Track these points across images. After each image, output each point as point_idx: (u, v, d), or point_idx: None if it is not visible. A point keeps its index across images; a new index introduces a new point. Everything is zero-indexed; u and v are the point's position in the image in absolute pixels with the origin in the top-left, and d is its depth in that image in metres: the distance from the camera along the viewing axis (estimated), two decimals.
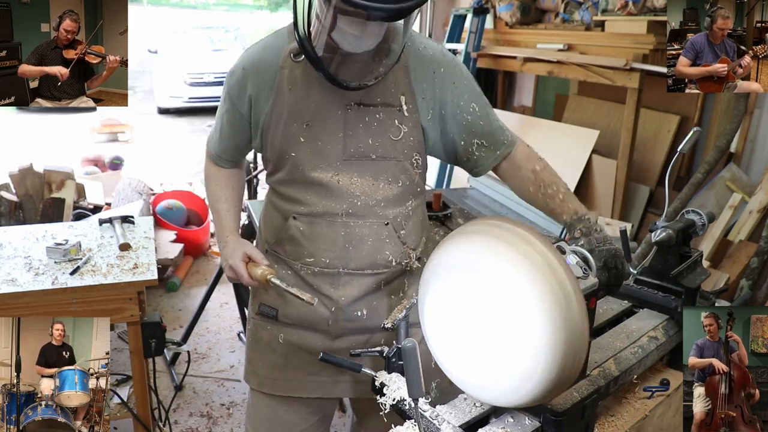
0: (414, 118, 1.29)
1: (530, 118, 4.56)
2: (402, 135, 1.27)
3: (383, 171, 1.29)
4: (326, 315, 1.36)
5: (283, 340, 1.42)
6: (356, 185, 1.28)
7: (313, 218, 1.31)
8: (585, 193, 4.04)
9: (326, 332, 1.39)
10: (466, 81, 1.34)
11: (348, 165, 1.27)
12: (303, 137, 1.26)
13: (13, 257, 1.98)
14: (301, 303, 1.26)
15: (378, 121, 1.26)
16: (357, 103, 1.25)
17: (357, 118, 1.25)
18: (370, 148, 1.27)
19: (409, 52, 1.28)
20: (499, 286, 0.88)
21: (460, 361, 0.96)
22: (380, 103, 1.26)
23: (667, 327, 1.34)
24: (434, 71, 1.30)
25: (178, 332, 3.29)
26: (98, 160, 5.57)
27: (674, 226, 1.36)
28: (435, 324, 0.99)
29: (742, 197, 3.37)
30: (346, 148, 1.26)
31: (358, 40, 1.14)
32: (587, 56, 3.80)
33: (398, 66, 1.25)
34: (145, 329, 1.95)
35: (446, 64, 1.32)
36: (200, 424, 2.62)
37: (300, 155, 1.27)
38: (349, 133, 1.26)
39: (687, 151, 1.45)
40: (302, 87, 1.25)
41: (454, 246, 0.96)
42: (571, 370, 0.88)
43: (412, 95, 1.28)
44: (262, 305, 1.43)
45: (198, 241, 4.32)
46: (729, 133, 3.49)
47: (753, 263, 3.08)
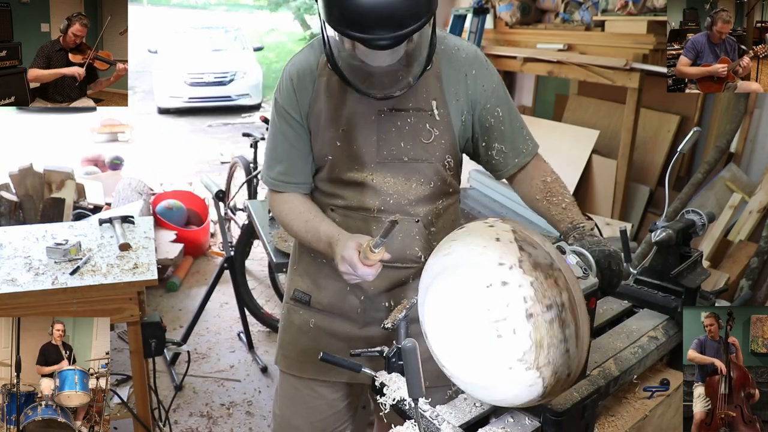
0: (446, 122, 1.34)
1: (530, 118, 4.56)
2: (433, 138, 1.33)
3: (415, 172, 1.35)
4: (356, 304, 1.43)
5: (314, 325, 1.48)
6: (389, 184, 1.35)
7: (348, 212, 1.38)
8: (585, 193, 4.04)
9: (355, 320, 1.45)
10: (495, 85, 1.37)
11: (381, 166, 1.34)
12: (339, 142, 1.33)
13: (13, 257, 1.98)
14: (334, 290, 1.42)
15: (410, 125, 1.32)
16: (390, 108, 1.31)
17: (390, 122, 1.31)
18: (403, 151, 1.33)
19: (442, 56, 1.33)
20: (499, 286, 0.88)
21: (460, 361, 0.96)
22: (411, 108, 1.31)
23: (667, 327, 1.34)
24: (466, 73, 1.34)
25: (178, 332, 3.29)
26: (98, 160, 5.57)
27: (674, 226, 1.36)
28: (435, 324, 0.99)
29: (742, 197, 3.37)
30: (380, 151, 1.33)
31: (376, 56, 1.18)
32: (587, 56, 3.80)
33: (430, 71, 1.29)
34: (145, 329, 1.95)
35: (478, 65, 1.35)
36: (200, 424, 2.62)
37: (336, 158, 1.35)
38: (383, 137, 1.32)
39: (687, 151, 1.45)
40: (338, 94, 1.31)
41: (454, 246, 0.96)
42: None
43: (444, 99, 1.33)
44: (296, 291, 1.50)
45: (198, 241, 4.32)
46: (729, 133, 3.49)
47: (753, 263, 3.08)
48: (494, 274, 0.88)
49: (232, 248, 3.17)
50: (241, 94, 10.23)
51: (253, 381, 2.95)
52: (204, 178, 3.25)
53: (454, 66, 1.33)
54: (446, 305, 0.96)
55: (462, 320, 0.93)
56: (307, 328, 1.49)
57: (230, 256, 3.11)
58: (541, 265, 0.87)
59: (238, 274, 3.17)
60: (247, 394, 2.84)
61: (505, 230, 0.92)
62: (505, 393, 0.92)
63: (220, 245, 4.50)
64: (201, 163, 7.28)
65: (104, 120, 8.07)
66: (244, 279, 3.31)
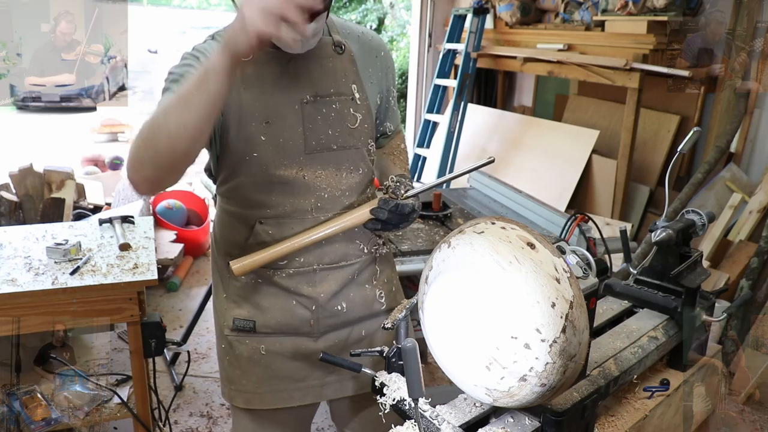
0: (366, 105, 1.33)
1: (530, 118, 4.56)
2: (358, 122, 1.31)
3: (344, 160, 1.32)
4: (307, 316, 1.35)
5: (265, 351, 1.37)
6: (321, 178, 1.29)
7: (282, 219, 1.29)
8: (585, 193, 4.04)
9: (309, 333, 1.37)
10: (393, 67, 1.44)
11: (311, 159, 1.28)
12: (264, 135, 1.24)
13: (13, 257, 1.98)
14: (280, 308, 1.33)
15: (335, 111, 1.28)
16: (312, 96, 1.26)
17: (315, 110, 1.26)
18: (331, 139, 1.29)
19: (352, 40, 1.33)
20: (498, 286, 0.88)
21: (460, 361, 0.96)
22: (333, 94, 1.28)
23: (667, 327, 1.34)
24: (376, 56, 1.37)
25: (178, 332, 3.29)
26: (98, 160, 5.57)
27: (674, 226, 1.36)
28: (435, 324, 0.99)
29: (742, 197, 3.38)
30: (308, 141, 1.27)
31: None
32: (587, 56, 3.81)
33: (345, 56, 1.30)
34: (145, 329, 1.95)
35: (384, 49, 1.40)
36: (200, 424, 2.62)
37: (263, 154, 1.25)
38: (309, 126, 1.26)
39: (687, 151, 1.45)
40: (256, 85, 1.23)
41: (453, 246, 0.96)
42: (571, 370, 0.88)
43: (361, 83, 1.32)
44: (236, 320, 1.37)
45: (198, 241, 4.32)
46: (729, 133, 3.49)
47: (753, 263, 3.08)
48: (528, 333, 0.87)
49: None
50: None
51: None
52: (204, 178, 3.24)
53: (365, 49, 1.35)
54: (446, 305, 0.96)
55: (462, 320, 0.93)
56: (258, 356, 1.37)
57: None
58: (566, 354, 0.87)
59: None
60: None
61: (507, 231, 0.92)
62: (504, 393, 0.92)
63: None
64: (201, 163, 7.26)
65: (104, 120, 8.07)
66: None
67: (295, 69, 1.24)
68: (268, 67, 1.22)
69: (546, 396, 0.91)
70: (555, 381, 0.88)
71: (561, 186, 3.98)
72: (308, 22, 1.06)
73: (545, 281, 0.86)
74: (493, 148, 4.56)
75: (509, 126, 4.56)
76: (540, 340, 0.85)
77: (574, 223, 2.07)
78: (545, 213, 2.50)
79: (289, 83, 1.24)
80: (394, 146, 1.50)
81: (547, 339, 0.85)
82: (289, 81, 1.24)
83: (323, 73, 1.27)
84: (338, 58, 1.29)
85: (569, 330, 0.86)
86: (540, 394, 0.90)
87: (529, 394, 0.90)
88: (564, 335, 0.85)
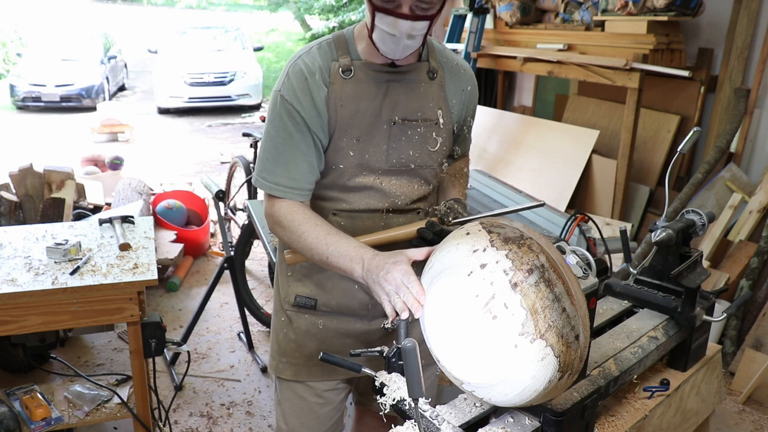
0: (448, 130, 1.41)
1: (530, 118, 4.56)
2: (438, 146, 1.39)
3: (418, 176, 1.41)
4: (365, 300, 1.44)
5: (323, 326, 1.48)
6: (395, 186, 1.38)
7: (355, 213, 1.39)
8: (585, 193, 4.04)
9: (364, 316, 1.46)
10: (476, 101, 1.50)
11: (389, 173, 1.37)
12: (353, 151, 1.33)
13: (13, 257, 1.98)
14: (342, 291, 1.42)
15: (419, 134, 1.36)
16: (401, 119, 1.34)
17: (400, 132, 1.34)
18: (411, 159, 1.37)
19: (446, 68, 1.40)
20: (479, 270, 0.90)
21: (460, 361, 0.96)
22: (420, 118, 1.36)
23: (667, 327, 1.34)
24: (463, 89, 1.44)
25: (178, 332, 3.29)
26: (98, 160, 5.57)
27: (674, 226, 1.36)
28: (435, 324, 0.99)
29: (742, 197, 3.38)
30: (389, 159, 1.35)
31: (398, 25, 1.20)
32: (587, 56, 3.81)
33: (436, 82, 1.38)
34: (145, 329, 1.95)
35: (473, 83, 1.47)
36: (200, 424, 2.62)
37: (347, 166, 1.34)
38: (393, 146, 1.35)
39: (687, 151, 1.45)
40: (352, 103, 1.31)
41: (453, 246, 0.96)
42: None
43: (447, 108, 1.40)
44: (298, 296, 1.47)
45: (198, 241, 4.32)
46: (729, 133, 3.49)
47: (753, 263, 3.08)
48: (471, 261, 0.91)
49: (232, 248, 3.17)
50: (240, 94, 10.25)
51: (253, 381, 2.95)
52: (204, 178, 3.24)
53: (455, 80, 1.42)
54: (441, 313, 0.97)
55: (457, 318, 0.93)
56: (316, 330, 1.49)
57: (230, 256, 3.11)
58: (512, 238, 0.92)
59: (238, 274, 3.18)
60: (247, 394, 2.84)
61: (473, 224, 0.98)
62: (521, 378, 0.90)
63: (220, 245, 4.50)
64: (201, 163, 7.28)
65: (104, 120, 8.07)
66: (244, 279, 3.32)
67: (389, 91, 1.33)
68: (365, 87, 1.31)
69: (553, 384, 0.91)
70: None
71: (561, 186, 3.98)
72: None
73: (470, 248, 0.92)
74: (493, 148, 4.56)
75: (509, 126, 4.56)
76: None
77: (574, 223, 2.07)
78: (545, 213, 2.50)
79: (382, 104, 1.32)
80: (458, 168, 1.56)
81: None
82: (383, 102, 1.32)
83: (414, 98, 1.35)
84: (429, 84, 1.37)
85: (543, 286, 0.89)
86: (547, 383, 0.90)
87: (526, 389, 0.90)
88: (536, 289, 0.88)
